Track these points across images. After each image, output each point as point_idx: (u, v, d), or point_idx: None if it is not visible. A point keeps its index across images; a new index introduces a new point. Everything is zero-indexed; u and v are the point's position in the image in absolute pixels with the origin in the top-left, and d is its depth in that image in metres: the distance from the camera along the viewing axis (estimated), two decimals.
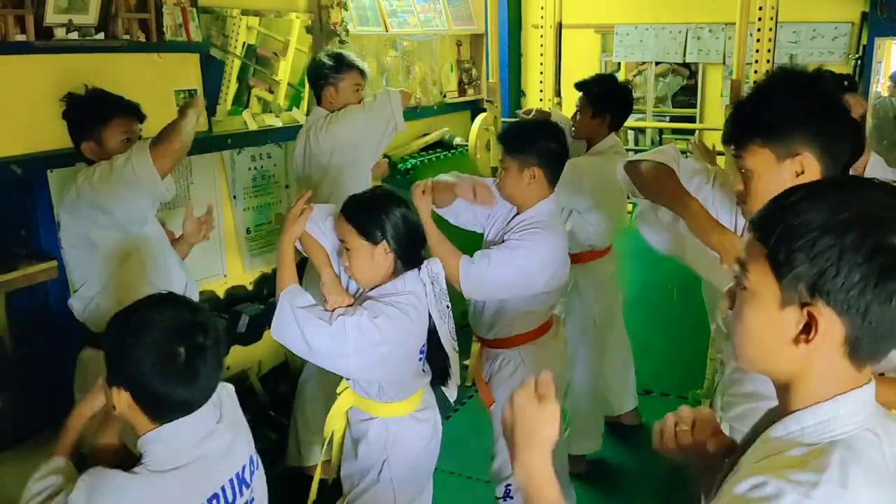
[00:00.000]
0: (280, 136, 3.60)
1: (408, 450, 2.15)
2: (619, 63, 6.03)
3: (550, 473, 1.06)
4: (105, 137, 2.36)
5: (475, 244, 2.53)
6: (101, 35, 2.69)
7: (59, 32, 2.56)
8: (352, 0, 3.97)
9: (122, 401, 1.42)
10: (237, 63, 3.46)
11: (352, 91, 3.12)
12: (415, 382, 2.14)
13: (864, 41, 5.00)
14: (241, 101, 3.51)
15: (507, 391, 2.54)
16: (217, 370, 1.47)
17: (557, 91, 4.79)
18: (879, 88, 5.15)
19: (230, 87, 3.44)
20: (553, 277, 2.44)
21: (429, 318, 2.09)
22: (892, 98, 5.48)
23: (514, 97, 6.08)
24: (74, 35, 2.59)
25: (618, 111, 3.32)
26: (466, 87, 5.19)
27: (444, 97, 4.95)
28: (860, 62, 5.01)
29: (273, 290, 3.48)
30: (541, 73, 4.86)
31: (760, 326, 0.98)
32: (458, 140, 4.88)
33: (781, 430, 0.97)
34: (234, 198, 3.48)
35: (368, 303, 2.00)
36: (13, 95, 2.52)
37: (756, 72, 3.98)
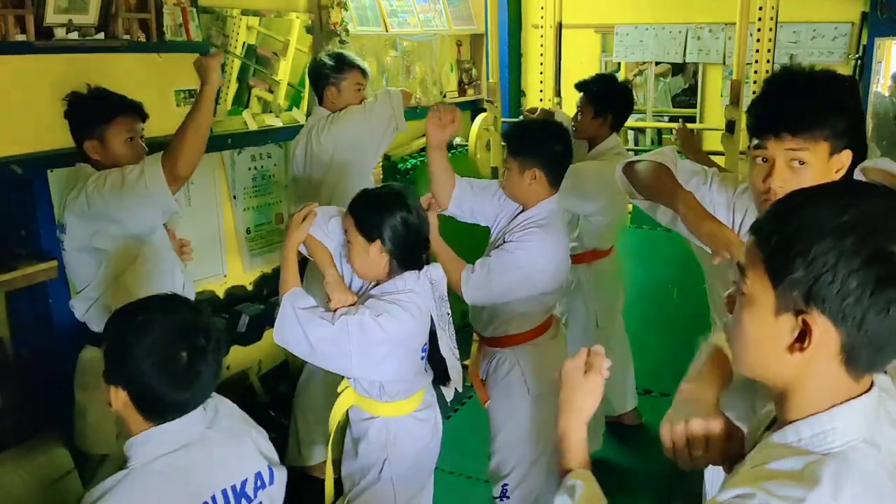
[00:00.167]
0: (280, 136, 3.60)
1: (408, 449, 2.15)
2: (619, 63, 6.03)
3: (580, 440, 1.21)
4: (108, 136, 2.36)
5: (482, 243, 2.56)
6: (101, 35, 2.69)
7: (59, 32, 2.56)
8: (352, 0, 3.97)
9: (120, 399, 1.42)
10: (237, 63, 3.46)
11: (353, 91, 3.13)
12: (416, 382, 2.14)
13: (864, 41, 5.00)
14: (241, 101, 3.52)
15: (502, 391, 2.57)
16: (216, 372, 1.47)
17: (557, 91, 4.79)
18: (879, 88, 5.14)
19: (230, 88, 3.44)
20: (553, 277, 2.45)
21: (430, 320, 2.09)
22: (893, 98, 5.47)
23: (514, 97, 6.07)
24: (74, 35, 2.59)
25: (619, 111, 3.33)
26: (466, 87, 5.19)
27: (444, 97, 4.95)
28: (860, 62, 5.01)
29: (273, 290, 3.49)
30: (541, 73, 4.86)
31: (757, 333, 0.96)
32: (458, 140, 4.88)
33: (780, 438, 0.96)
34: (234, 198, 3.49)
35: (370, 301, 2.01)
36: (13, 95, 2.52)
37: (756, 72, 3.98)
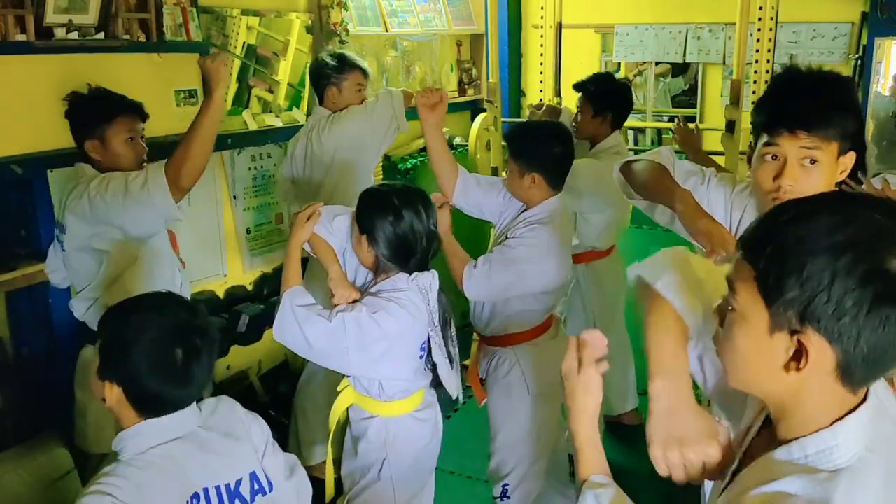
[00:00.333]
0: (280, 136, 3.60)
1: (407, 449, 2.16)
2: (619, 63, 6.02)
3: (589, 438, 1.18)
4: (108, 136, 2.36)
5: (486, 239, 2.58)
6: (101, 35, 2.69)
7: (59, 32, 2.56)
8: (352, 0, 3.97)
9: (114, 395, 1.44)
10: (237, 63, 3.46)
11: (354, 91, 3.13)
12: (415, 381, 2.15)
13: (864, 41, 4.99)
14: (241, 101, 3.51)
15: (502, 390, 2.57)
16: (209, 371, 1.49)
17: (557, 91, 4.78)
18: (879, 88, 5.13)
19: (230, 87, 3.44)
20: (554, 275, 2.45)
21: (429, 316, 2.10)
22: (894, 98, 5.47)
23: (514, 97, 6.07)
24: (74, 35, 2.59)
25: (618, 109, 3.33)
26: (466, 87, 5.19)
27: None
28: (860, 62, 5.01)
29: (273, 290, 3.49)
30: (541, 73, 4.85)
31: (750, 351, 0.95)
32: (458, 140, 4.88)
33: (784, 455, 0.95)
34: (234, 198, 3.48)
35: (368, 299, 2.02)
36: (13, 95, 2.52)
37: (756, 72, 3.98)
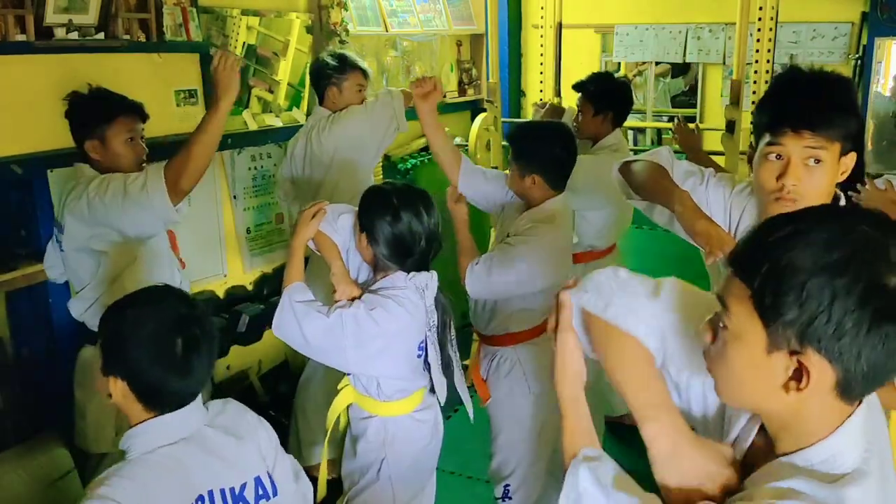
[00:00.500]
0: (280, 136, 3.60)
1: (406, 449, 2.16)
2: (619, 63, 6.02)
3: (571, 399, 1.09)
4: (108, 137, 2.35)
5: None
6: (101, 35, 2.69)
7: (59, 32, 2.56)
8: (352, 0, 3.97)
9: (119, 390, 1.45)
10: None
11: (354, 91, 3.13)
12: (413, 381, 2.15)
13: (864, 41, 4.99)
14: (241, 101, 3.51)
15: (503, 390, 2.57)
16: (210, 361, 1.50)
17: (557, 91, 4.78)
18: (879, 88, 5.13)
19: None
20: (554, 274, 2.46)
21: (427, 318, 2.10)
22: (893, 98, 5.46)
23: (514, 97, 6.07)
24: (74, 35, 2.59)
25: (618, 108, 3.33)
26: (466, 87, 5.19)
27: (445, 97, 4.94)
28: (860, 62, 5.01)
29: (273, 290, 3.49)
30: (541, 73, 4.86)
31: (746, 370, 0.94)
32: (458, 140, 4.88)
33: (784, 462, 0.95)
34: (234, 198, 3.48)
35: (366, 296, 2.03)
36: (13, 95, 2.52)
37: (756, 72, 3.98)
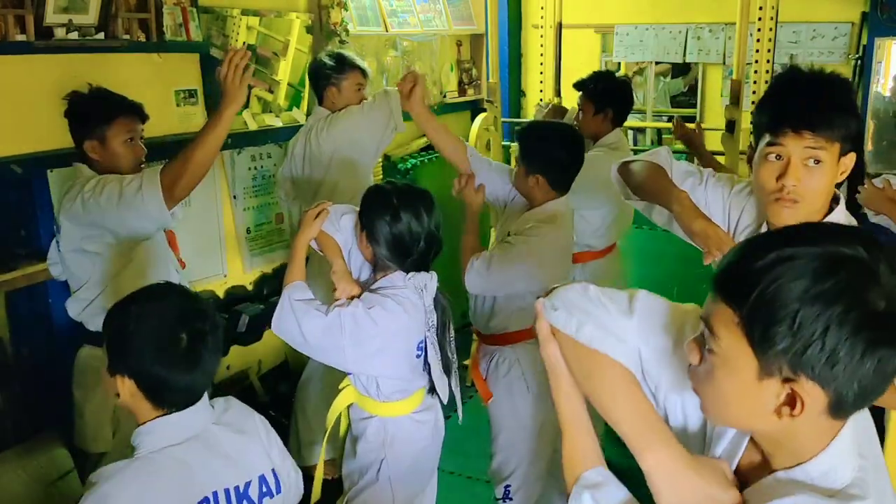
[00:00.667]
0: (280, 136, 3.60)
1: (406, 450, 2.16)
2: (619, 63, 6.03)
3: (570, 416, 1.06)
4: (108, 137, 2.35)
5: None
6: (101, 35, 2.69)
7: (59, 32, 2.56)
8: (352, 0, 3.97)
9: (126, 388, 1.45)
10: None
11: (354, 91, 3.13)
12: (413, 382, 2.15)
13: (864, 41, 5.00)
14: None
15: (503, 390, 2.57)
16: (216, 355, 1.51)
17: (557, 91, 4.79)
18: (879, 88, 5.13)
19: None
20: (553, 273, 2.46)
21: (426, 318, 2.10)
22: (894, 98, 5.46)
23: (514, 97, 6.07)
24: (74, 35, 2.59)
25: (619, 106, 3.32)
26: (466, 87, 5.19)
27: (444, 97, 4.95)
28: (860, 62, 5.01)
29: (273, 290, 3.49)
30: (541, 73, 4.86)
31: (736, 395, 0.93)
32: None
33: (786, 478, 0.95)
34: (234, 198, 3.48)
35: (365, 295, 2.04)
36: (13, 95, 2.52)
37: (756, 72, 3.98)
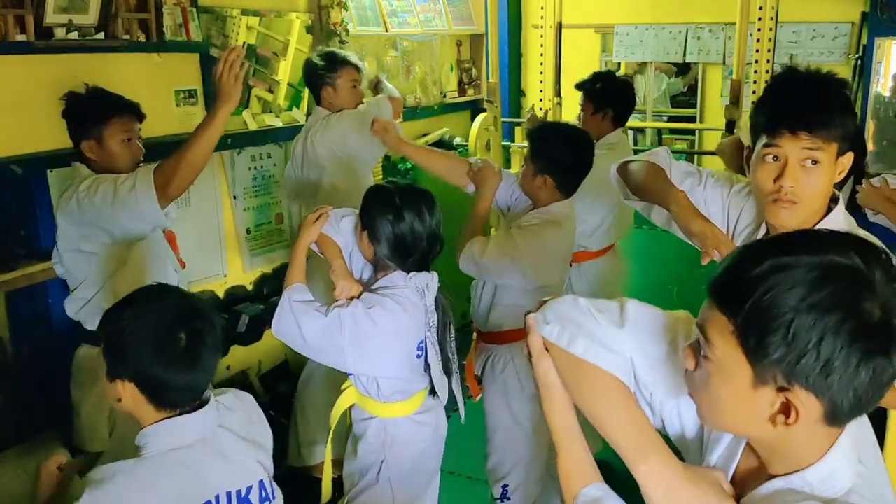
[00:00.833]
0: (280, 136, 3.60)
1: (406, 451, 2.16)
2: (619, 63, 6.03)
3: (564, 430, 1.05)
4: (105, 136, 2.35)
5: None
6: (101, 35, 2.69)
7: (59, 32, 2.55)
8: (352, 0, 3.97)
9: (128, 392, 1.44)
10: None
11: (349, 88, 3.11)
12: (413, 382, 2.15)
13: (864, 41, 5.00)
14: (242, 101, 3.51)
15: (498, 389, 2.58)
16: (216, 354, 1.50)
17: (557, 91, 4.79)
18: (879, 88, 5.14)
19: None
20: (551, 270, 2.48)
21: (425, 317, 2.10)
22: (894, 98, 5.46)
23: (514, 97, 6.08)
24: (74, 35, 2.59)
25: (619, 106, 3.30)
26: (466, 87, 5.19)
27: (444, 97, 4.95)
28: (860, 62, 5.01)
29: (273, 290, 3.49)
30: (541, 73, 4.86)
31: (731, 402, 0.93)
32: (458, 140, 4.88)
33: (784, 484, 0.94)
34: (234, 198, 3.48)
35: (364, 295, 2.05)
36: (13, 95, 2.52)
37: (756, 72, 3.98)
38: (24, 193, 2.61)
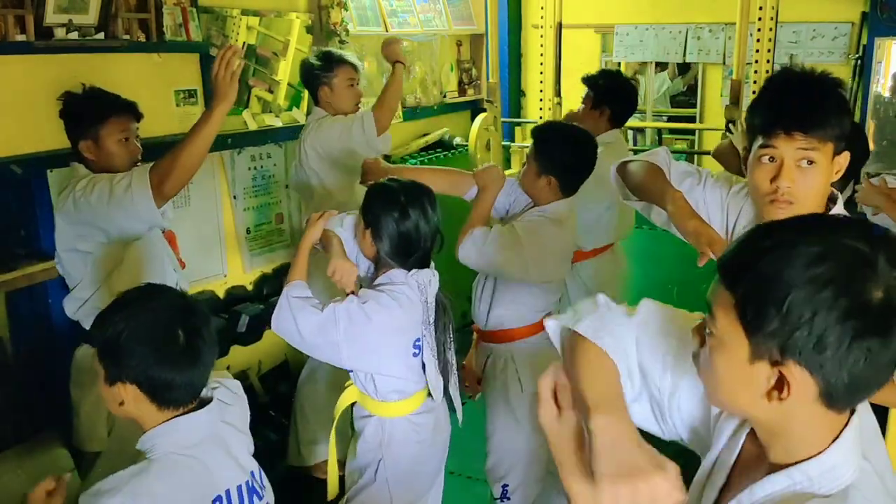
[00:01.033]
0: (280, 136, 3.60)
1: (404, 452, 2.16)
2: (619, 63, 6.03)
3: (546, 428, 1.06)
4: (102, 136, 2.36)
5: None
6: (101, 35, 2.69)
7: (59, 32, 2.56)
8: (352, 0, 3.97)
9: (129, 394, 1.42)
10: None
11: (346, 87, 3.11)
12: (410, 382, 2.14)
13: (864, 41, 5.00)
14: (241, 101, 3.51)
15: (498, 389, 2.58)
16: (213, 349, 1.50)
17: (557, 91, 4.78)
18: (879, 88, 5.13)
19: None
20: (552, 268, 2.47)
21: (423, 314, 2.10)
22: (894, 98, 5.47)
23: (514, 97, 6.08)
24: (74, 35, 2.59)
25: (617, 106, 3.28)
26: (466, 87, 5.19)
27: (444, 97, 4.95)
28: (860, 62, 5.01)
29: (273, 290, 3.49)
30: (541, 73, 4.85)
31: (730, 377, 0.94)
32: (458, 140, 4.88)
33: (786, 480, 0.95)
34: (234, 198, 3.49)
35: (361, 290, 2.06)
36: (13, 95, 2.52)
37: (756, 72, 3.98)
38: (24, 193, 2.62)
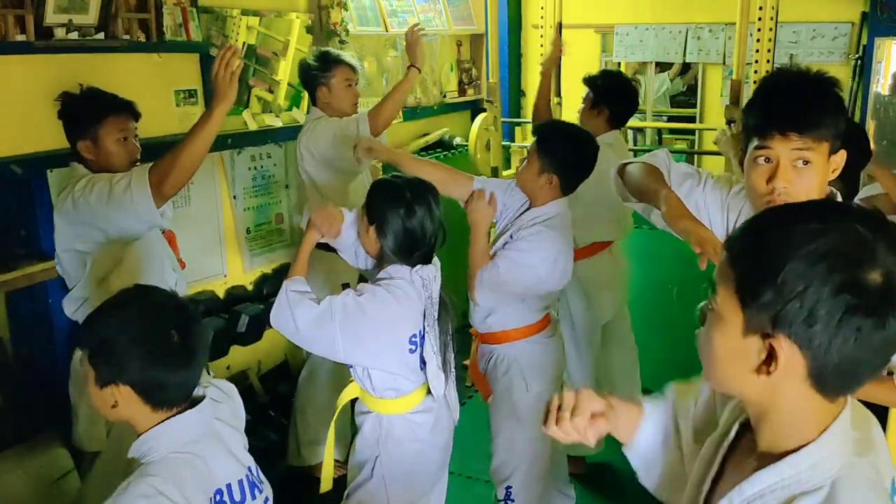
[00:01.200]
0: (280, 136, 3.60)
1: (401, 450, 2.15)
2: (620, 63, 6.03)
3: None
4: (101, 136, 2.36)
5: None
6: (101, 35, 2.69)
7: (59, 32, 2.55)
8: (352, 0, 3.97)
9: (124, 397, 1.41)
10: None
11: (344, 87, 3.11)
12: (407, 379, 2.14)
13: (864, 41, 5.00)
14: (241, 101, 3.51)
15: (502, 389, 2.57)
16: (206, 347, 1.50)
17: (557, 91, 4.78)
18: (879, 88, 5.13)
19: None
20: (560, 278, 2.48)
21: (423, 313, 2.10)
22: (894, 98, 5.47)
23: (514, 97, 6.08)
24: (74, 35, 2.59)
25: (617, 107, 3.28)
26: (466, 87, 5.19)
27: (444, 97, 4.95)
28: (860, 62, 5.01)
29: (273, 290, 3.49)
30: (541, 74, 4.84)
31: (724, 351, 0.96)
32: (458, 140, 4.88)
33: (774, 476, 0.95)
34: (234, 198, 3.49)
35: (360, 285, 2.07)
36: (13, 95, 2.52)
37: (756, 72, 3.98)
38: (24, 193, 2.61)
